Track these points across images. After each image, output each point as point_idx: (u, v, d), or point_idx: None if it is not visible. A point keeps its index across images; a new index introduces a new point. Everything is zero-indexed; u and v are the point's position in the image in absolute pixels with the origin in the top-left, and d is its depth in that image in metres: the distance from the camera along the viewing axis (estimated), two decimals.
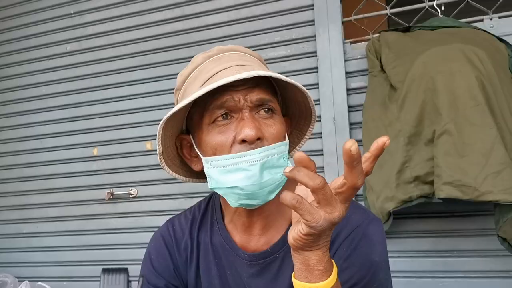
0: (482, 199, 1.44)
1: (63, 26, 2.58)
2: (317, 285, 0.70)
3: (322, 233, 0.66)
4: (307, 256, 0.70)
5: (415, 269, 1.85)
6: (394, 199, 1.63)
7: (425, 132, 1.61)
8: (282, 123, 0.88)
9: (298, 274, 0.72)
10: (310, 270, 0.70)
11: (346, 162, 0.61)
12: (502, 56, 1.67)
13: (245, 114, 0.84)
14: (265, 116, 0.86)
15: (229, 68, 0.85)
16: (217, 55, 0.91)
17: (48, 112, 2.56)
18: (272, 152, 0.83)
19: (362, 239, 0.87)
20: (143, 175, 2.34)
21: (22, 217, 2.57)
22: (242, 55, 0.93)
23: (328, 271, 0.71)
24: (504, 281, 1.74)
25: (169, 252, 1.02)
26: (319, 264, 0.70)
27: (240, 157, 0.81)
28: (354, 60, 2.00)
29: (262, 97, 0.85)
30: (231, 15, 2.24)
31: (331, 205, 0.64)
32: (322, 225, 0.64)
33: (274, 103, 0.88)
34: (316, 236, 0.66)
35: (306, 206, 0.63)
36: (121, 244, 2.34)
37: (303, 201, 0.63)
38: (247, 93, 0.84)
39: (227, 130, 0.84)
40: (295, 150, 1.02)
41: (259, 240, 0.95)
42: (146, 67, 2.38)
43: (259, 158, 0.81)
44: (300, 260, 0.71)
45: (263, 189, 0.83)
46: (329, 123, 1.98)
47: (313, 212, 0.63)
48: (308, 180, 0.62)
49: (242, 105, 0.84)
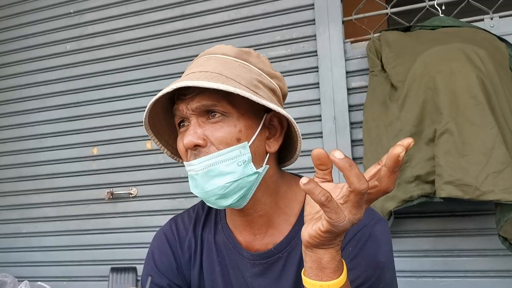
0: (483, 199, 1.44)
1: (62, 25, 2.57)
2: (328, 283, 0.70)
3: (342, 233, 0.66)
4: (321, 254, 0.69)
5: (415, 268, 1.84)
6: (394, 199, 1.63)
7: (426, 132, 1.60)
8: (234, 126, 0.85)
9: (308, 272, 0.72)
10: (322, 269, 0.70)
11: (389, 167, 0.60)
12: (502, 55, 1.67)
13: (192, 121, 0.86)
14: (212, 120, 0.86)
15: (188, 75, 0.87)
16: (199, 58, 0.95)
17: (47, 112, 2.56)
18: (217, 160, 0.83)
19: (368, 239, 0.87)
20: (143, 174, 2.33)
21: (21, 217, 2.56)
22: (209, 58, 0.92)
23: (339, 270, 0.71)
24: (504, 281, 1.74)
25: (172, 251, 1.02)
26: (332, 263, 0.69)
27: (188, 166, 0.88)
28: (355, 59, 2.00)
29: (203, 104, 0.85)
30: (231, 14, 2.24)
31: (359, 207, 0.63)
32: (345, 226, 0.63)
33: (222, 106, 0.85)
34: (335, 235, 0.66)
35: (334, 204, 0.61)
36: (121, 244, 2.34)
37: (332, 199, 0.61)
38: (188, 102, 0.86)
39: (183, 137, 0.87)
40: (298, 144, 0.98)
41: (263, 240, 0.95)
42: (146, 66, 2.37)
43: (200, 168, 0.84)
44: (312, 258, 0.70)
45: (211, 197, 0.86)
46: (330, 123, 1.98)
47: (339, 212, 0.62)
48: (357, 181, 0.60)
49: (186, 113, 0.87)
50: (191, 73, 0.87)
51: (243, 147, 0.85)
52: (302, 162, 2.00)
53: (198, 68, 0.88)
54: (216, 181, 0.84)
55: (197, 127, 0.85)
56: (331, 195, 0.61)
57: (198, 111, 0.86)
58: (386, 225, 0.92)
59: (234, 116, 0.86)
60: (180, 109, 0.87)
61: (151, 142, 2.32)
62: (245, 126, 0.87)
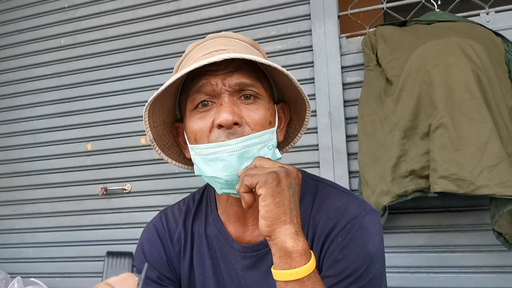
0: (478, 193, 1.44)
1: (57, 20, 2.56)
2: (297, 270, 0.71)
3: (274, 180, 0.73)
4: (282, 236, 0.72)
5: (410, 264, 1.84)
6: (389, 194, 1.63)
7: (421, 126, 1.60)
8: (267, 109, 0.86)
9: (278, 264, 0.73)
10: (288, 254, 0.72)
11: None
12: (498, 50, 1.67)
13: (224, 98, 0.82)
14: (247, 101, 0.84)
15: (209, 53, 0.83)
16: (204, 42, 0.91)
17: (41, 107, 2.54)
18: (253, 141, 0.81)
19: (358, 230, 0.86)
20: (137, 170, 2.32)
21: (15, 213, 2.55)
22: (228, 40, 0.91)
23: (307, 254, 0.72)
24: (499, 276, 1.74)
25: (162, 243, 1.01)
26: (296, 245, 0.72)
27: (218, 147, 0.81)
28: (350, 54, 1.99)
29: (242, 81, 0.83)
30: (227, 9, 2.23)
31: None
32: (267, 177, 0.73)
33: (258, 88, 0.85)
34: (272, 187, 0.73)
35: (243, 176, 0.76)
36: (115, 239, 2.32)
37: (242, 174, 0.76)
38: (225, 77, 0.82)
39: (207, 116, 0.83)
40: (298, 136, 1.00)
41: (254, 231, 0.94)
42: (141, 61, 2.36)
43: (237, 149, 0.80)
44: (277, 245, 0.73)
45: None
46: (325, 118, 1.97)
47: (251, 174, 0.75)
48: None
49: (220, 89, 0.82)
50: (220, 49, 0.84)
51: (272, 132, 0.85)
52: (296, 158, 2.01)
53: (225, 46, 0.86)
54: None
55: (232, 105, 0.82)
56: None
57: (234, 88, 0.83)
58: (377, 216, 0.91)
59: (265, 99, 0.87)
60: (213, 84, 0.82)
61: (145, 138, 2.31)
62: (272, 111, 0.87)
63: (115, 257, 0.61)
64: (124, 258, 0.61)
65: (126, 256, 0.61)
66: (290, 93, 0.93)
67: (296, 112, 0.98)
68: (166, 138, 0.95)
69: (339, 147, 1.94)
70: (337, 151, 1.94)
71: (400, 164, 1.62)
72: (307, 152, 2.02)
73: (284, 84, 0.91)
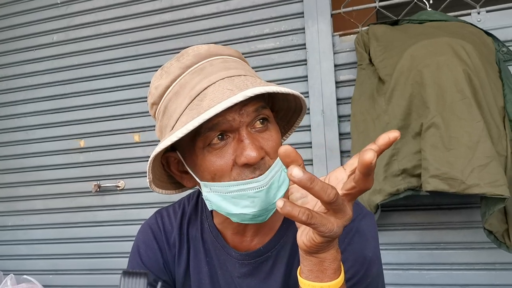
0: (469, 192, 1.45)
1: (49, 16, 2.54)
2: (328, 284, 0.67)
3: (338, 236, 0.63)
4: (322, 257, 0.67)
5: (402, 261, 1.86)
6: (381, 192, 1.64)
7: (413, 125, 1.61)
8: (277, 131, 0.82)
9: (308, 275, 0.68)
10: (323, 270, 0.67)
11: (363, 172, 0.56)
12: (489, 50, 1.68)
13: (242, 133, 0.76)
14: (261, 129, 0.78)
15: (217, 83, 0.76)
16: (196, 64, 0.80)
17: (34, 103, 2.53)
18: (276, 170, 0.77)
19: (355, 235, 0.86)
20: (130, 167, 2.32)
21: (7, 210, 2.54)
22: (224, 60, 0.82)
23: (339, 269, 0.68)
24: (489, 273, 1.76)
25: (158, 245, 0.98)
26: (333, 263, 0.67)
27: (245, 184, 0.75)
28: (343, 52, 2.00)
29: (257, 107, 0.77)
30: (220, 6, 2.22)
31: (342, 210, 0.60)
32: (337, 232, 0.61)
33: (267, 110, 0.80)
34: (332, 240, 0.64)
35: (318, 219, 0.58)
36: (109, 236, 2.33)
37: (314, 214, 0.58)
38: (241, 108, 0.75)
39: (225, 154, 0.77)
40: (283, 139, 0.95)
41: (252, 242, 0.92)
42: (133, 58, 2.35)
43: (265, 184, 0.75)
44: (313, 261, 0.67)
45: (270, 210, 0.79)
46: (318, 116, 1.98)
47: (325, 223, 0.59)
48: (323, 195, 0.56)
49: (238, 123, 0.75)
50: (226, 77, 0.78)
51: None
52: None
53: (227, 71, 0.79)
54: (278, 194, 0.78)
55: (254, 140, 0.76)
56: (311, 211, 0.58)
57: (252, 116, 0.76)
58: (373, 220, 0.91)
59: (272, 121, 0.82)
60: (230, 119, 0.75)
61: (139, 135, 2.30)
62: (278, 130, 0.83)
63: (130, 277, 0.62)
64: (139, 277, 0.62)
65: (141, 276, 0.62)
66: (282, 102, 0.90)
67: (284, 118, 0.95)
68: (156, 168, 0.87)
69: (332, 145, 1.95)
70: (330, 149, 1.95)
71: (392, 162, 1.63)
72: (300, 150, 2.01)
73: (281, 98, 0.89)
